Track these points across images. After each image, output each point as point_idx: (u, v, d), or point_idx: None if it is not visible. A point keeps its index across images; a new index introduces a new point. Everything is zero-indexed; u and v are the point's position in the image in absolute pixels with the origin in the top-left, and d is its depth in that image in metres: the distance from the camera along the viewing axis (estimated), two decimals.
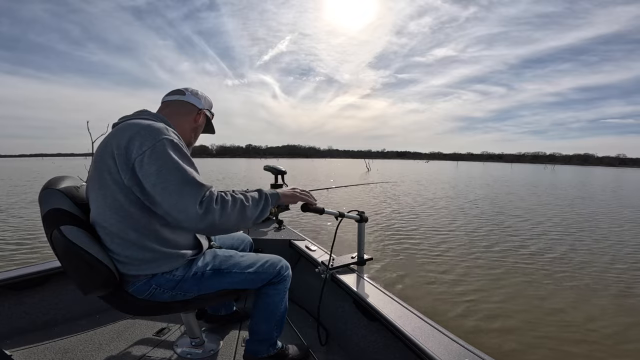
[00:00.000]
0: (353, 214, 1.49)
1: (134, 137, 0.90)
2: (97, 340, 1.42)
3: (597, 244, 5.31)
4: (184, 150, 0.95)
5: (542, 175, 34.34)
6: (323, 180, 18.03)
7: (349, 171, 31.05)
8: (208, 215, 0.88)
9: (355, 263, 1.55)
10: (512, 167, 76.09)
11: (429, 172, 33.04)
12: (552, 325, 2.69)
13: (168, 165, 0.88)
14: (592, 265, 4.24)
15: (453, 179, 23.20)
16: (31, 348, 1.33)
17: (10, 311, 1.45)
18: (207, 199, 0.89)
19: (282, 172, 2.31)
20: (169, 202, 0.87)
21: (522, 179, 24.68)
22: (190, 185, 0.88)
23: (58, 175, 1.08)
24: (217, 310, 1.58)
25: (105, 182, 0.92)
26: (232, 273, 1.13)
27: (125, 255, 0.95)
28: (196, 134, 1.20)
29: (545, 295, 3.28)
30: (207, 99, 1.22)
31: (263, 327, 1.22)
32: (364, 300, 1.26)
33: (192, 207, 0.86)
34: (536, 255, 4.61)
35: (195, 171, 0.95)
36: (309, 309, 1.74)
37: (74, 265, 0.94)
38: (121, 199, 0.92)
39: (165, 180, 0.87)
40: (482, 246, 5.06)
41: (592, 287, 3.52)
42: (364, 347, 1.32)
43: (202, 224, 0.88)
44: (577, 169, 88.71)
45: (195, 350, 1.35)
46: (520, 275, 3.81)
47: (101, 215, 0.94)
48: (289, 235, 2.03)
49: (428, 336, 0.99)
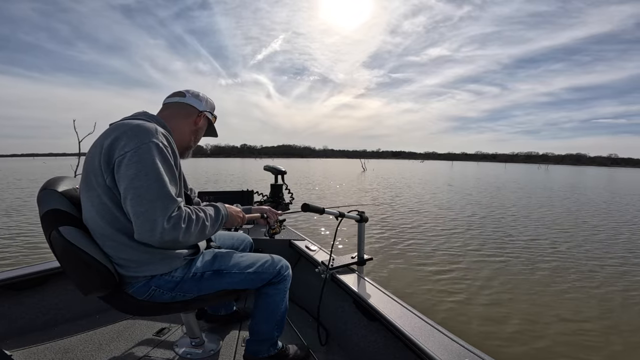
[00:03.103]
0: (353, 214, 1.50)
1: (119, 137, 0.89)
2: (97, 340, 1.42)
3: (612, 247, 5.17)
4: (168, 157, 0.93)
5: (541, 175, 34.48)
6: (317, 182, 17.95)
7: (344, 172, 30.97)
8: (173, 231, 0.86)
9: (355, 263, 1.56)
10: (505, 167, 76.70)
11: (425, 172, 33.14)
12: (553, 326, 2.71)
13: (147, 171, 0.86)
14: (597, 267, 4.20)
15: (452, 178, 23.31)
16: (31, 348, 1.33)
17: (10, 311, 1.44)
18: (177, 216, 0.88)
19: (282, 172, 2.32)
20: (138, 210, 0.84)
21: (528, 180, 24.49)
22: (164, 197, 0.86)
23: (57, 176, 1.08)
24: (217, 310, 1.59)
25: (92, 183, 0.91)
26: (231, 273, 1.13)
27: (120, 257, 0.95)
28: (197, 136, 1.19)
29: (546, 295, 3.30)
30: (208, 101, 1.20)
31: (263, 327, 1.22)
32: (364, 300, 1.26)
33: (161, 220, 0.84)
34: (537, 256, 4.63)
35: (174, 182, 0.93)
36: (309, 309, 1.75)
37: (73, 265, 0.94)
38: (107, 202, 0.91)
39: (140, 186, 0.85)
40: (482, 246, 5.09)
41: (594, 287, 3.53)
42: (364, 347, 1.33)
43: (165, 237, 0.85)
44: (570, 168, 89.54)
45: (196, 350, 1.35)
46: (521, 276, 3.83)
47: (91, 218, 0.94)
48: (289, 235, 2.04)
49: (428, 336, 1.00)
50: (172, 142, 0.99)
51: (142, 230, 0.84)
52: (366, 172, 30.90)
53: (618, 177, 39.02)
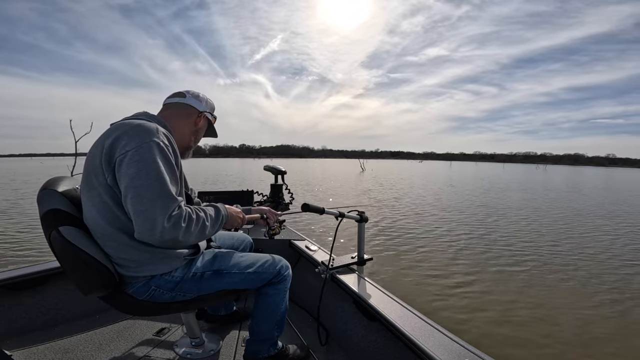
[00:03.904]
0: (353, 214, 1.50)
1: (120, 137, 0.89)
2: (97, 340, 1.41)
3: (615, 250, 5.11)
4: (169, 157, 0.93)
5: (540, 175, 34.49)
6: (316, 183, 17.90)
7: (343, 172, 30.94)
8: (173, 231, 0.86)
9: (355, 263, 1.56)
10: (504, 167, 76.83)
11: (424, 172, 33.14)
12: (553, 326, 2.71)
13: (148, 170, 0.86)
14: (600, 269, 4.18)
15: (452, 179, 23.33)
16: (31, 348, 1.32)
17: (10, 311, 1.44)
18: (177, 215, 0.87)
19: (282, 172, 2.32)
20: (138, 208, 0.84)
21: (527, 180, 24.43)
22: (164, 196, 0.86)
23: (57, 176, 1.07)
24: (217, 310, 1.58)
25: (92, 183, 0.91)
26: (231, 273, 1.13)
27: (121, 257, 0.95)
28: (196, 137, 1.19)
29: (547, 295, 3.31)
30: (208, 102, 1.20)
31: (263, 327, 1.22)
32: (364, 300, 1.26)
33: (161, 218, 0.84)
34: (537, 256, 4.64)
35: (175, 181, 0.93)
36: (309, 309, 1.75)
37: (73, 265, 0.94)
38: (108, 201, 0.90)
39: (141, 185, 0.85)
40: (482, 246, 5.09)
41: (596, 288, 3.52)
42: (364, 347, 1.33)
43: (165, 236, 0.85)
44: (568, 168, 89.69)
45: (196, 350, 1.35)
46: (522, 276, 3.84)
47: (92, 218, 0.94)
48: (289, 235, 2.04)
49: (428, 336, 1.00)
50: (173, 142, 1.00)
51: (142, 229, 0.84)
52: (365, 172, 30.91)
53: (617, 176, 38.99)
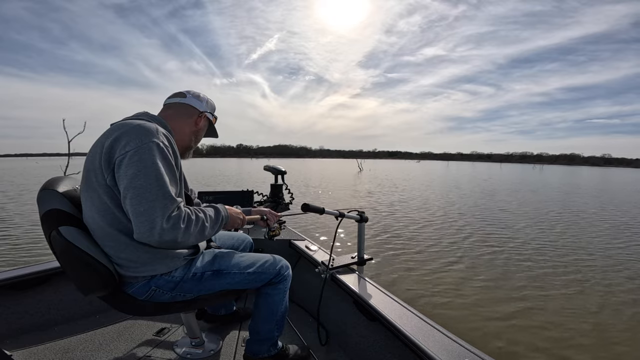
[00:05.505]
0: (353, 214, 1.50)
1: (120, 137, 0.89)
2: (97, 341, 1.41)
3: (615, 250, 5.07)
4: (169, 157, 0.93)
5: (537, 175, 34.59)
6: (316, 183, 17.87)
7: (341, 172, 30.88)
8: (172, 231, 0.85)
9: (355, 263, 1.57)
10: (501, 167, 77.15)
11: (423, 172, 33.16)
12: (553, 326, 2.72)
13: (147, 171, 0.86)
14: (601, 269, 4.19)
15: (449, 178, 23.37)
16: (31, 348, 1.32)
17: (10, 311, 1.43)
18: (176, 216, 0.87)
19: (282, 172, 2.31)
20: (137, 209, 0.84)
21: (525, 179, 24.45)
22: (163, 197, 0.86)
23: (57, 176, 1.07)
24: (217, 310, 1.58)
25: (92, 183, 0.91)
26: (231, 273, 1.13)
27: (120, 257, 0.94)
28: (197, 137, 1.19)
29: (547, 295, 3.32)
30: (209, 102, 1.20)
31: (263, 327, 1.22)
32: (364, 300, 1.27)
33: (160, 219, 0.83)
34: (537, 256, 4.66)
35: (174, 182, 0.93)
36: (309, 309, 1.75)
37: (73, 266, 0.94)
38: (107, 201, 0.90)
39: (140, 186, 0.84)
40: (482, 246, 5.11)
41: (597, 289, 3.53)
42: (364, 347, 1.34)
43: (164, 237, 0.84)
44: (564, 168, 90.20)
45: (196, 350, 1.35)
46: (522, 275, 3.85)
47: (92, 218, 0.93)
48: (289, 235, 2.04)
49: (428, 336, 1.00)
50: (173, 143, 0.99)
51: (141, 229, 0.84)
52: (363, 172, 30.91)
53: (618, 176, 39.07)
